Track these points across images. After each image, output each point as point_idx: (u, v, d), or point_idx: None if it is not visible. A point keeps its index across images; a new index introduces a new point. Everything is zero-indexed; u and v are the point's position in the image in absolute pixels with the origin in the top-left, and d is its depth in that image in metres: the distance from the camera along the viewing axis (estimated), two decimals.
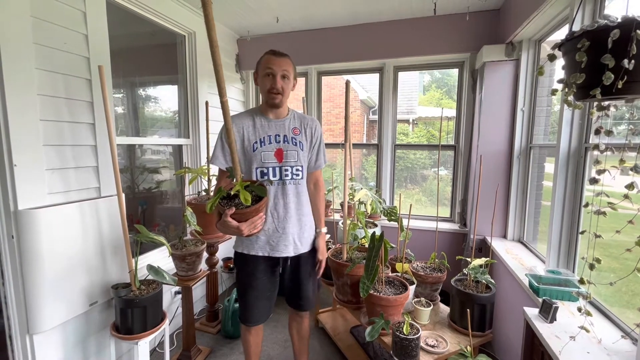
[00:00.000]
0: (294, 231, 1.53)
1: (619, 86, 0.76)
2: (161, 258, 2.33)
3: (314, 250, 1.65)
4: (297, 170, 1.52)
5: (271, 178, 1.48)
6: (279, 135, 1.50)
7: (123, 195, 1.71)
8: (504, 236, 2.45)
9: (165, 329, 1.83)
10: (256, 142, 1.47)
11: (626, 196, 0.81)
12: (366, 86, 7.84)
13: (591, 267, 0.94)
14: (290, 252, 1.53)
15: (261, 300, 1.58)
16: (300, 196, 1.55)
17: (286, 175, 1.50)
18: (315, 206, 1.66)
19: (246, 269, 1.56)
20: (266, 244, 1.52)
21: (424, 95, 9.54)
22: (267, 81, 1.45)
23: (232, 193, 1.18)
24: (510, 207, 2.39)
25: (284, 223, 1.51)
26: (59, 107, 1.61)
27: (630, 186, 0.80)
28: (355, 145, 3.78)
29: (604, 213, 0.88)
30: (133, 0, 2.06)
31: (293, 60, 1.53)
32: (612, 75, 0.76)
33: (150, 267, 1.68)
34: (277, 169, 1.49)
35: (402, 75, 3.05)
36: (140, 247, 1.70)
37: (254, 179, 1.46)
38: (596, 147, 0.91)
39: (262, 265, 1.55)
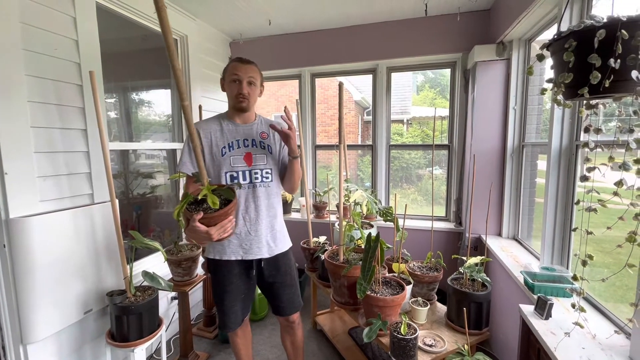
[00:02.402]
0: (266, 233, 1.54)
1: (606, 85, 0.77)
2: (157, 264, 2.31)
3: (291, 249, 1.68)
4: (266, 173, 1.53)
5: (241, 182, 1.49)
6: (247, 140, 1.52)
7: (117, 201, 1.70)
8: (499, 234, 2.46)
9: (162, 335, 1.82)
10: (224, 147, 1.48)
11: (615, 193, 0.83)
12: (360, 87, 7.88)
13: (584, 263, 0.95)
14: (264, 253, 1.54)
15: (237, 304, 1.58)
16: (271, 198, 1.56)
17: (256, 179, 1.51)
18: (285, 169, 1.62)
19: (220, 274, 1.55)
20: (239, 248, 1.52)
21: (417, 95, 9.61)
22: (233, 87, 1.47)
23: (199, 197, 1.15)
24: (504, 205, 2.40)
25: (256, 226, 1.52)
26: (49, 113, 1.60)
27: (619, 183, 0.81)
28: (350, 147, 3.78)
29: (595, 210, 0.90)
30: (123, 4, 2.05)
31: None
32: (599, 75, 0.77)
33: (146, 273, 1.67)
34: (247, 173, 1.50)
35: (395, 75, 3.07)
36: (135, 253, 1.69)
37: (224, 183, 1.46)
38: (586, 144, 0.92)
39: (236, 269, 1.54)
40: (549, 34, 1.94)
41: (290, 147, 1.48)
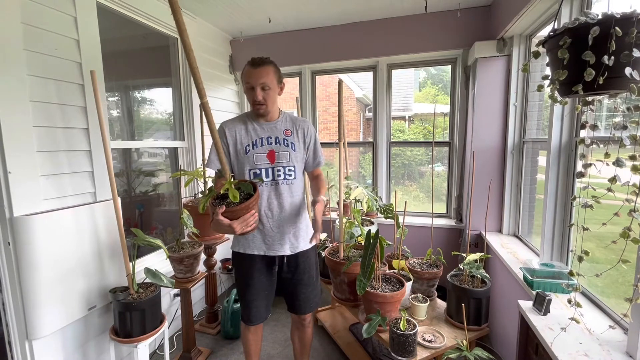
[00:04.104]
0: (289, 230, 1.55)
1: (600, 82, 0.78)
2: (159, 261, 2.34)
3: (313, 249, 1.66)
4: (289, 170, 1.54)
5: (264, 179, 1.50)
6: (270, 138, 1.53)
7: (119, 199, 1.72)
8: (500, 230, 2.47)
9: (165, 331, 1.84)
10: (248, 145, 1.51)
11: (609, 189, 0.83)
12: (362, 84, 7.85)
13: (579, 259, 0.96)
14: (286, 250, 1.55)
15: (259, 300, 1.59)
16: (295, 196, 1.57)
17: (279, 176, 1.52)
18: (315, 186, 1.66)
19: (243, 268, 1.58)
20: (262, 243, 1.54)
21: (419, 92, 9.57)
22: (249, 94, 1.48)
23: (221, 192, 1.21)
24: (505, 202, 2.40)
25: (278, 222, 1.53)
26: (52, 113, 1.62)
27: (613, 179, 0.81)
28: (352, 144, 3.79)
29: (591, 206, 0.90)
30: (124, 3, 2.06)
31: (276, 63, 1.52)
32: (593, 72, 0.77)
33: (148, 270, 1.69)
34: (270, 170, 1.51)
35: (397, 72, 3.07)
36: (137, 250, 1.71)
37: (246, 179, 1.47)
38: (582, 141, 0.92)
39: (258, 264, 1.57)
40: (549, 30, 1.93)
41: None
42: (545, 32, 2.00)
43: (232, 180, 1.21)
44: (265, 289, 1.60)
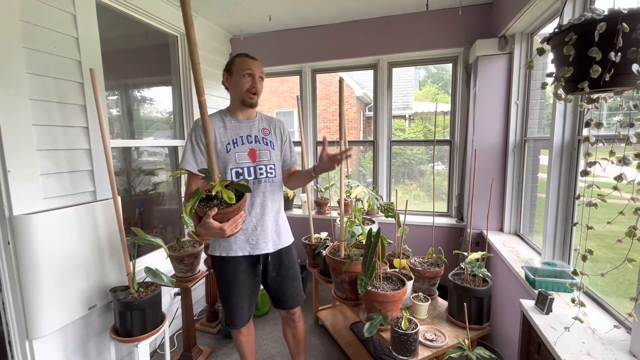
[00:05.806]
0: (271, 227, 1.56)
1: (607, 79, 0.77)
2: (160, 260, 2.33)
3: (293, 244, 1.70)
4: (270, 169, 1.55)
5: (247, 177, 1.50)
6: (250, 136, 1.53)
7: (119, 198, 1.71)
8: (501, 229, 2.46)
9: (165, 330, 1.84)
10: (229, 143, 1.49)
11: (615, 188, 0.82)
12: (362, 83, 7.83)
13: (584, 258, 0.95)
14: (270, 248, 1.55)
15: (244, 301, 1.58)
16: (275, 193, 1.58)
17: (261, 174, 1.52)
18: (299, 172, 1.67)
19: (227, 271, 1.55)
20: (246, 243, 1.53)
21: (419, 91, 9.56)
22: (245, 81, 1.47)
23: (212, 193, 1.16)
24: (506, 201, 2.40)
25: (262, 221, 1.53)
26: (51, 111, 1.61)
27: (619, 178, 0.81)
28: (352, 142, 3.77)
29: (595, 205, 0.89)
30: (123, 1, 2.05)
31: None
32: (600, 68, 0.76)
33: (148, 269, 1.68)
34: (252, 169, 1.51)
35: (397, 70, 3.05)
36: (138, 249, 1.70)
37: (229, 179, 1.46)
38: (586, 139, 0.91)
39: (243, 265, 1.55)
40: (552, 28, 1.92)
41: (324, 169, 1.47)
42: (547, 29, 2.00)
43: (219, 181, 1.17)
44: (250, 289, 1.59)
